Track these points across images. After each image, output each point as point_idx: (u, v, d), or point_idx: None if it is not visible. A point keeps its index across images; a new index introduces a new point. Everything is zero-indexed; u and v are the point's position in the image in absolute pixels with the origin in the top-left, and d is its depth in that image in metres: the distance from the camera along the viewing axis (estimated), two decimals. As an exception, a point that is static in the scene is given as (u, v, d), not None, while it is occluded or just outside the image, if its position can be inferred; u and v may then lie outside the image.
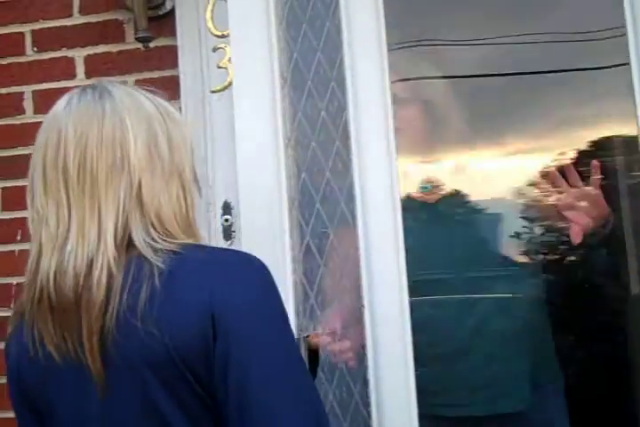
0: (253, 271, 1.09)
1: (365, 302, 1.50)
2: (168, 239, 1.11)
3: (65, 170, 1.12)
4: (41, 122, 2.06)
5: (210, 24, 2.04)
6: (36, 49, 2.16)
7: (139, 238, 1.10)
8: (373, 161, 1.56)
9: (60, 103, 1.20)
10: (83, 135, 1.11)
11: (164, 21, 2.08)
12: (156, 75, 2.09)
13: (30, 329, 1.14)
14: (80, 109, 1.14)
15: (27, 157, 2.08)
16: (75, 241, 1.10)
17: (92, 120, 1.12)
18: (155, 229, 1.12)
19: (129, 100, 1.16)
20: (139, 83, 2.10)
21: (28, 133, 2.12)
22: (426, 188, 1.84)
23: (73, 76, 2.14)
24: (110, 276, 1.08)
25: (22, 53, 2.17)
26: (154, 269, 1.06)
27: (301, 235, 1.43)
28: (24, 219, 2.06)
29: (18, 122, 2.16)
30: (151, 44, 2.05)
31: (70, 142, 1.12)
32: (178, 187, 1.14)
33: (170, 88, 2.05)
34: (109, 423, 1.11)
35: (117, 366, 1.08)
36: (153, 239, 1.11)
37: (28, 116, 2.16)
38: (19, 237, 2.12)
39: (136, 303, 1.05)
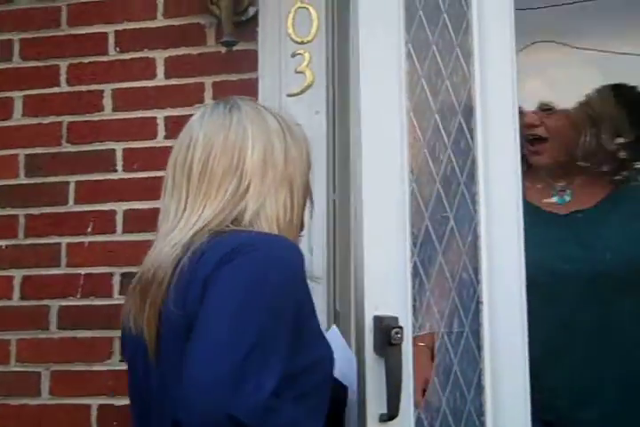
0: (261, 253, 1.14)
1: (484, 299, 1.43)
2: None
3: (190, 169, 1.26)
4: (119, 119, 2.19)
5: (290, 30, 2.10)
6: (118, 49, 2.23)
7: (219, 224, 1.21)
8: (497, 147, 1.49)
9: (196, 114, 1.34)
10: (210, 140, 1.26)
11: (245, 27, 2.15)
12: (234, 77, 2.15)
13: (128, 303, 1.27)
14: (212, 119, 1.29)
15: (101, 153, 2.19)
16: (178, 229, 1.23)
17: (220, 128, 1.27)
18: (247, 221, 1.22)
19: (254, 113, 1.29)
20: (217, 85, 2.16)
21: (104, 130, 2.21)
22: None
23: (153, 76, 2.20)
24: (177, 256, 1.19)
25: (105, 53, 2.23)
26: (193, 249, 1.17)
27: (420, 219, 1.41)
28: (95, 212, 2.17)
29: (96, 119, 2.22)
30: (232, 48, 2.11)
31: (199, 146, 1.26)
32: (286, 194, 1.25)
33: (247, 91, 2.12)
34: (164, 394, 1.19)
35: (165, 337, 1.18)
36: (228, 226, 1.21)
37: (107, 114, 2.22)
38: (89, 230, 2.18)
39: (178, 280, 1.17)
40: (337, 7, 2.15)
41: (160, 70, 2.20)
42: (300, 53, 2.10)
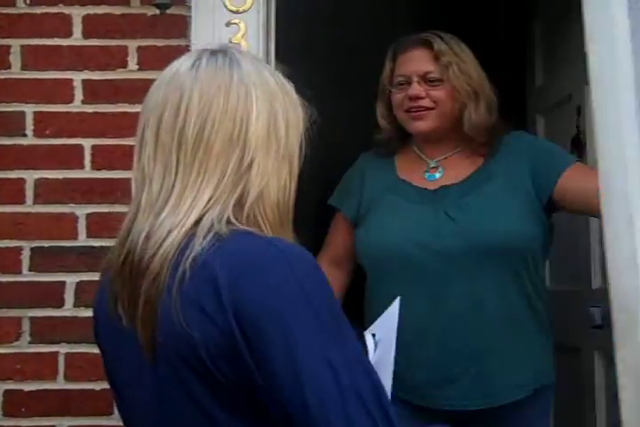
0: (277, 267, 1.03)
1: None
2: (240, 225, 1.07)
3: (181, 134, 1.07)
4: (29, 79, 2.00)
5: (226, -2, 2.01)
6: (28, 2, 2.04)
7: (218, 217, 1.07)
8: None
9: (184, 63, 1.12)
10: (207, 103, 1.07)
11: (175, -10, 2.03)
12: (161, 43, 2.04)
13: (110, 288, 1.11)
14: (208, 74, 1.08)
15: (8, 116, 2.00)
16: (170, 209, 1.07)
17: (220, 89, 1.07)
18: (251, 210, 1.08)
19: (255, 72, 1.10)
20: (142, 49, 2.04)
21: (12, 90, 2.02)
22: None
23: (69, 34, 2.03)
24: (175, 249, 1.06)
25: (12, 4, 2.03)
26: (194, 256, 1.04)
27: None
28: (1, 179, 1.99)
29: (2, 77, 2.02)
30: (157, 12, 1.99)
31: (193, 108, 1.07)
32: (287, 173, 1.10)
33: (175, 58, 2.01)
34: (160, 394, 1.09)
35: (160, 341, 1.05)
36: (229, 221, 1.06)
37: (15, 72, 2.03)
38: (-6, 199, 2.00)
39: (172, 283, 1.04)
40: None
41: (77, 29, 2.04)
42: (235, 23, 2.02)
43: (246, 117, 1.07)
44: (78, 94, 2.02)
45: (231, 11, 2.02)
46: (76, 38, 2.04)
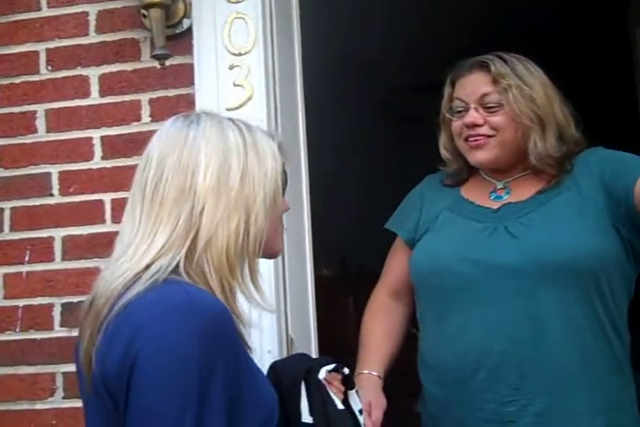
0: (181, 319, 1.09)
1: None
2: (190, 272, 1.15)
3: (144, 189, 1.19)
4: (53, 140, 2.09)
5: (227, 42, 2.00)
6: (50, 68, 2.13)
7: (167, 264, 1.14)
8: None
9: (160, 128, 1.27)
10: (163, 160, 1.19)
11: (180, 40, 2.06)
12: (171, 93, 2.06)
13: (80, 334, 1.21)
14: (168, 134, 1.23)
15: (36, 177, 2.08)
16: (128, 256, 1.17)
17: (175, 146, 1.20)
18: (200, 257, 1.16)
19: (213, 130, 1.21)
20: (153, 101, 2.06)
21: (38, 153, 2.11)
22: None
23: (87, 94, 2.10)
24: (119, 291, 1.14)
25: (36, 72, 2.13)
26: (125, 301, 1.13)
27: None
28: (32, 239, 2.06)
29: (29, 141, 2.12)
30: (167, 63, 2.02)
31: (153, 164, 1.20)
32: (241, 220, 1.17)
33: (185, 106, 2.02)
34: None
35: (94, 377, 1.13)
36: (176, 268, 1.15)
37: (40, 135, 2.11)
38: (26, 258, 2.07)
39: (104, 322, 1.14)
40: (275, 16, 2.06)
41: (94, 88, 2.10)
42: (238, 65, 2.00)
43: (196, 170, 1.18)
44: (97, 151, 2.08)
45: (233, 53, 2.01)
46: (94, 97, 2.10)
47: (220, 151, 1.19)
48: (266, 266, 1.89)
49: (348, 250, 4.02)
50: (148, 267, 1.14)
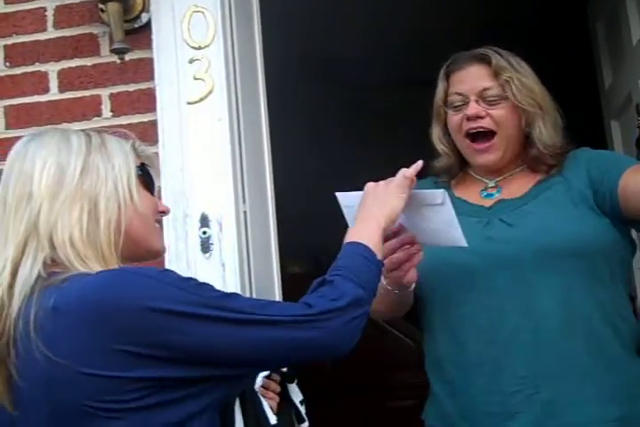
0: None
1: None
2: (58, 270, 1.18)
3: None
4: (13, 137, 2.06)
5: (186, 36, 2.00)
6: (8, 64, 2.12)
7: (31, 270, 1.18)
8: None
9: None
10: (8, 172, 1.26)
11: (139, 34, 2.05)
12: (131, 88, 2.05)
13: None
14: (15, 151, 1.28)
15: (-3, 174, 2.06)
16: None
17: (17, 159, 1.26)
18: (50, 255, 1.20)
19: (55, 138, 1.26)
20: (114, 96, 2.05)
21: (-2, 150, 2.08)
22: None
23: (46, 90, 2.09)
24: (3, 305, 1.17)
25: (-6, 68, 2.12)
26: (40, 305, 1.14)
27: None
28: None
29: (-12, 138, 2.10)
30: (126, 57, 2.02)
31: (2, 178, 1.26)
32: (83, 210, 1.22)
33: (145, 101, 2.02)
34: None
35: (20, 388, 1.14)
36: (45, 270, 1.18)
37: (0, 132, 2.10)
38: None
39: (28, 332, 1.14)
40: (234, 9, 2.06)
41: (53, 84, 2.09)
42: (198, 59, 2.00)
43: (34, 175, 1.23)
44: (58, 147, 2.06)
45: (193, 47, 2.01)
46: (54, 93, 2.09)
47: (58, 154, 1.24)
48: (233, 264, 1.91)
49: (320, 248, 4.03)
50: (14, 276, 1.18)
